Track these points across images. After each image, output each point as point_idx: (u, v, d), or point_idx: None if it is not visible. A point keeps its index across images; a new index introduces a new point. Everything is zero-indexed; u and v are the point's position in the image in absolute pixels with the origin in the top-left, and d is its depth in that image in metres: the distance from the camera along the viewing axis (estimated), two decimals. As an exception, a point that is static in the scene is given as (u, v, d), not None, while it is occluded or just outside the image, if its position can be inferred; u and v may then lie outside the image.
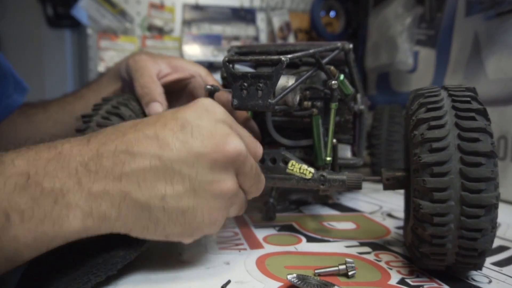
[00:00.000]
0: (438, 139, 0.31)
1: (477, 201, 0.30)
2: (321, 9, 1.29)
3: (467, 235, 0.30)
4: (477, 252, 0.31)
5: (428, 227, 0.31)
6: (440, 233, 0.31)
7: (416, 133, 0.33)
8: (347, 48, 0.45)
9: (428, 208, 0.31)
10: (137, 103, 0.48)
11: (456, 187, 0.30)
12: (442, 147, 0.31)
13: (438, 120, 0.32)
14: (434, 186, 0.31)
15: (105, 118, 0.42)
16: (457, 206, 0.30)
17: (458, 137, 0.31)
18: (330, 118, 0.43)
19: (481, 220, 0.30)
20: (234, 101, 0.40)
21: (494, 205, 0.30)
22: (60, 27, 1.31)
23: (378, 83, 1.14)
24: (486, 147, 0.30)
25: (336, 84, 0.42)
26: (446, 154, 0.31)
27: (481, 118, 0.32)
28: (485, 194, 0.30)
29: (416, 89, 0.38)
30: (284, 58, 0.37)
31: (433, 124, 0.32)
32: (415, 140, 0.33)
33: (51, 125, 0.61)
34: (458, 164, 0.31)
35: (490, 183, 0.30)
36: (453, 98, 0.33)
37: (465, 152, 0.31)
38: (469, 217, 0.30)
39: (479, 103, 0.33)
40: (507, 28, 0.67)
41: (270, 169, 0.43)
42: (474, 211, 0.30)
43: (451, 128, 0.32)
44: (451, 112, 0.32)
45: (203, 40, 1.21)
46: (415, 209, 0.33)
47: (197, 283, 0.33)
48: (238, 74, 0.39)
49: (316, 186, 0.42)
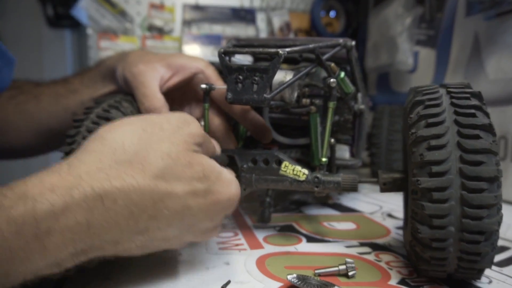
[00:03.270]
0: (437, 136, 0.30)
1: (479, 201, 0.29)
2: (321, 9, 1.29)
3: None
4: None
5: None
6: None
7: (414, 132, 0.32)
8: (349, 45, 0.44)
9: (428, 208, 0.30)
10: (129, 104, 0.47)
11: (456, 187, 0.30)
12: (441, 144, 0.30)
13: (437, 119, 0.31)
14: (433, 185, 0.30)
15: (95, 123, 0.42)
16: (457, 208, 0.30)
17: (457, 134, 0.30)
18: (327, 117, 0.42)
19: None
20: (228, 94, 0.38)
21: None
22: (60, 27, 1.31)
23: (378, 83, 1.14)
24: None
25: (334, 83, 0.41)
26: (446, 152, 0.30)
27: (482, 115, 0.30)
28: (487, 193, 0.29)
29: (415, 87, 0.36)
30: (281, 52, 0.36)
31: (431, 121, 0.31)
32: (413, 140, 0.32)
33: (45, 118, 0.60)
34: (458, 164, 0.30)
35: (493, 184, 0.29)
36: (451, 95, 0.32)
37: (466, 151, 0.30)
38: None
39: (480, 101, 0.32)
40: (507, 28, 0.67)
41: (262, 170, 0.41)
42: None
43: (450, 125, 0.31)
44: (450, 109, 0.31)
45: (203, 40, 1.21)
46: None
47: (197, 283, 0.33)
48: (234, 67, 0.38)
49: (310, 188, 0.41)
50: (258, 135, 0.48)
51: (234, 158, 0.42)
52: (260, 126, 0.47)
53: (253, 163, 0.42)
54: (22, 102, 0.61)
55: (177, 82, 0.50)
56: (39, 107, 0.60)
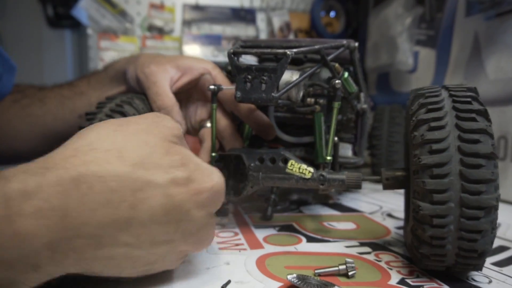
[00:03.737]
0: (438, 140, 0.31)
1: (477, 202, 0.30)
2: (321, 9, 1.29)
3: (467, 236, 0.30)
4: (477, 253, 0.31)
5: (428, 228, 0.31)
6: (440, 235, 0.31)
7: (416, 134, 0.33)
8: (353, 46, 0.45)
9: (428, 209, 0.31)
10: (141, 102, 0.48)
11: (456, 188, 0.30)
12: (442, 148, 0.31)
13: (438, 121, 0.32)
14: (434, 188, 0.31)
15: (109, 116, 0.42)
16: (457, 208, 0.30)
17: (458, 139, 0.31)
18: (332, 117, 0.43)
19: (481, 221, 0.30)
20: (237, 93, 0.40)
21: (494, 207, 0.30)
22: (60, 27, 1.31)
23: (378, 83, 1.14)
24: (487, 149, 0.30)
25: (339, 84, 0.42)
26: (447, 155, 0.31)
27: (482, 119, 0.32)
28: (485, 195, 0.30)
29: (416, 88, 0.38)
30: (289, 52, 0.37)
31: (433, 125, 0.32)
32: (415, 141, 0.33)
33: (50, 121, 0.60)
34: (458, 166, 0.30)
35: (490, 185, 0.30)
36: (453, 99, 0.33)
37: (466, 154, 0.30)
38: (469, 219, 0.30)
39: (480, 103, 0.33)
40: (507, 28, 0.67)
41: (269, 168, 0.43)
42: (474, 212, 0.30)
43: (451, 129, 0.32)
44: (452, 113, 0.32)
45: (203, 40, 1.21)
46: (414, 211, 0.33)
47: (197, 283, 0.33)
48: (243, 67, 0.39)
49: (315, 185, 0.42)
50: (262, 132, 0.49)
51: (242, 157, 0.43)
52: (264, 124, 0.48)
53: (260, 161, 0.43)
54: (26, 106, 0.61)
55: (185, 82, 0.51)
56: (44, 110, 0.60)
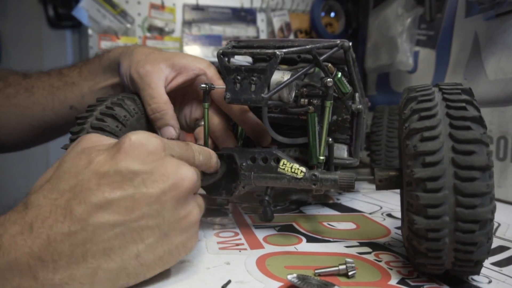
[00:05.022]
0: (431, 152, 0.30)
1: (472, 216, 0.29)
2: (321, 10, 1.29)
3: (462, 248, 0.30)
4: (473, 263, 0.31)
5: (423, 241, 0.31)
6: (435, 247, 0.31)
7: (409, 143, 0.32)
8: (346, 46, 0.45)
9: (422, 223, 0.30)
10: (132, 102, 0.47)
11: (450, 202, 0.30)
12: (435, 161, 0.30)
13: (431, 131, 0.31)
14: (428, 202, 0.30)
15: (99, 120, 0.42)
16: (451, 222, 0.30)
17: (452, 150, 0.30)
18: (324, 116, 0.43)
19: (476, 235, 0.29)
20: (227, 94, 0.39)
21: (489, 220, 0.29)
22: (61, 27, 1.31)
23: (378, 83, 1.14)
24: (482, 161, 0.29)
25: (331, 82, 0.41)
26: (440, 168, 0.30)
27: (477, 127, 0.30)
28: (481, 209, 0.29)
29: (410, 87, 0.36)
30: (278, 52, 0.37)
31: (426, 136, 0.31)
32: (408, 151, 0.32)
33: (39, 111, 0.58)
34: (452, 180, 0.30)
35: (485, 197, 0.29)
36: (447, 104, 0.32)
37: (460, 167, 0.30)
38: (464, 232, 0.29)
39: (475, 107, 0.32)
40: (507, 28, 0.67)
41: (261, 168, 0.42)
42: (469, 226, 0.29)
43: (445, 140, 0.31)
44: (445, 121, 0.31)
45: (203, 41, 1.21)
46: (409, 222, 0.32)
47: (197, 283, 0.33)
48: (232, 67, 0.39)
49: (307, 185, 0.41)
50: (256, 138, 0.48)
51: (234, 157, 0.43)
52: (259, 129, 0.47)
53: (252, 161, 0.43)
54: (11, 96, 0.59)
55: (180, 82, 0.50)
56: (32, 101, 0.58)
